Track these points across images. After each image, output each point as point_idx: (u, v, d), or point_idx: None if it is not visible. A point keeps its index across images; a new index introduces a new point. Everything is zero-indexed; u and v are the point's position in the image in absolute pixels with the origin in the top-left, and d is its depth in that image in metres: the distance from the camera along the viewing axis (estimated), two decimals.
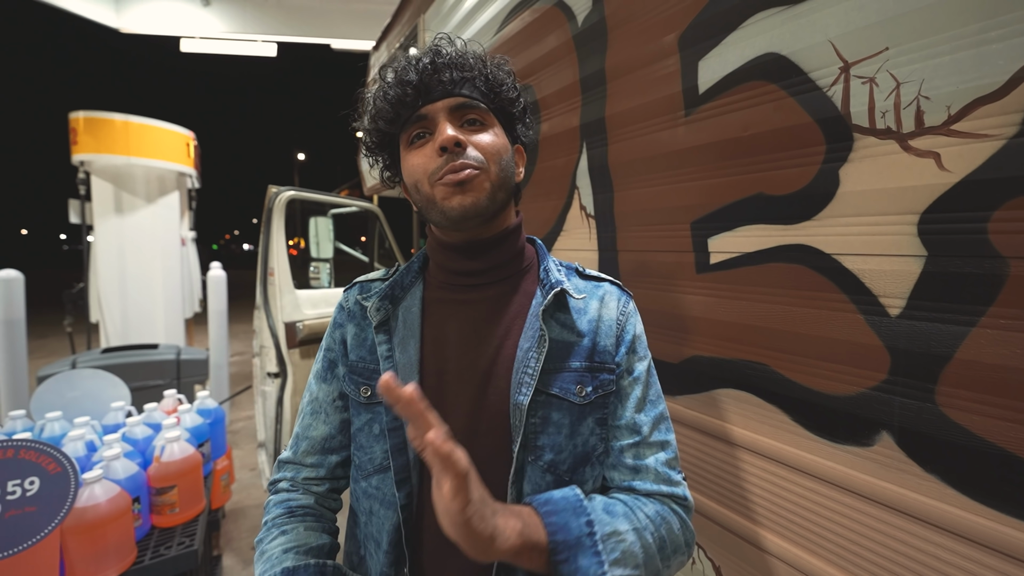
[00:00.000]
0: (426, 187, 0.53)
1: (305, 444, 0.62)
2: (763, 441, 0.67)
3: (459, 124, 0.54)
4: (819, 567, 0.61)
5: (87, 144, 3.69)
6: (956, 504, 0.48)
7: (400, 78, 0.54)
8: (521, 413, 0.51)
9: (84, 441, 1.35)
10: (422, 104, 0.54)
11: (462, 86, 0.54)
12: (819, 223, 0.59)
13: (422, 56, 0.55)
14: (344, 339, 0.61)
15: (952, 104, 0.47)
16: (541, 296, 0.57)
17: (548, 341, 0.53)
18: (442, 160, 0.52)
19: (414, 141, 0.55)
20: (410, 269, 0.63)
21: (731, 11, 0.68)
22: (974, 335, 0.46)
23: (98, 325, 3.89)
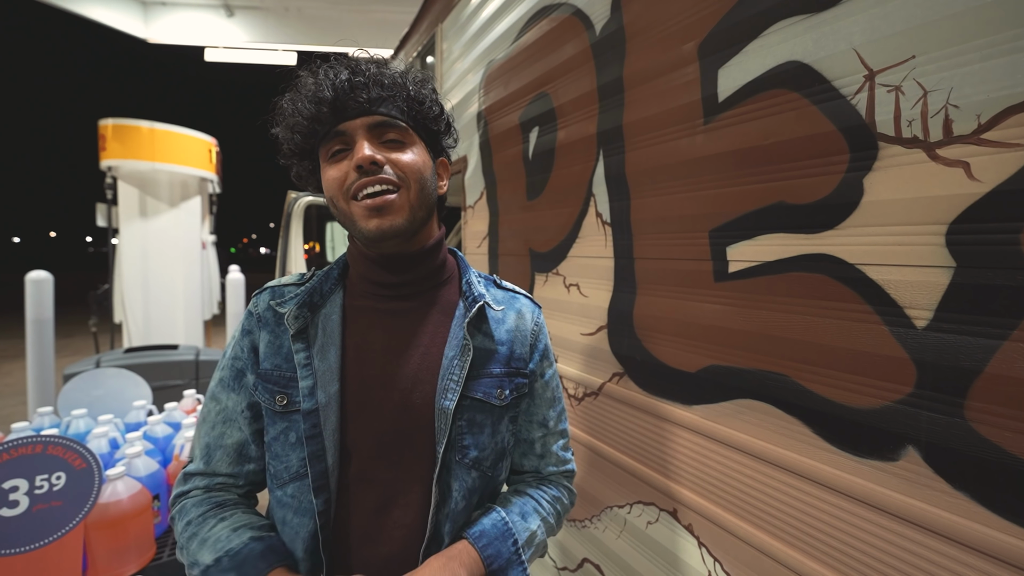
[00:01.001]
0: (343, 203, 0.55)
1: (219, 453, 0.58)
2: (782, 453, 0.66)
3: (378, 142, 0.55)
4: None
5: (115, 150, 3.82)
6: (986, 523, 0.47)
7: (316, 94, 0.53)
8: (447, 416, 0.56)
9: (107, 438, 1.38)
10: (339, 121, 0.54)
11: (380, 104, 0.54)
12: (842, 232, 0.58)
13: (339, 71, 0.54)
14: (255, 347, 0.59)
15: (983, 113, 0.46)
16: (463, 308, 0.61)
17: (472, 350, 0.59)
18: (356, 176, 0.53)
19: (334, 155, 0.56)
20: (329, 276, 0.62)
21: (752, 19, 0.68)
22: (1005, 348, 0.45)
23: (121, 325, 4.00)
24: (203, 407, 0.61)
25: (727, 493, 0.75)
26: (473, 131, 1.63)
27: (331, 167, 0.55)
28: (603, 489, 1.04)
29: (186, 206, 4.21)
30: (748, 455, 0.71)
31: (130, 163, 3.84)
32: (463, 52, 1.73)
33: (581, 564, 1.12)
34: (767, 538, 0.68)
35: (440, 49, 2.01)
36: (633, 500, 0.96)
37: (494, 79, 1.46)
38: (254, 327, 0.59)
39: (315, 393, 0.55)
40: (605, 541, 1.03)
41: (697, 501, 0.80)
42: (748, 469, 0.71)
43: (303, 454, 0.55)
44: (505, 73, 1.39)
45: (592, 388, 1.07)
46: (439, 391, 0.57)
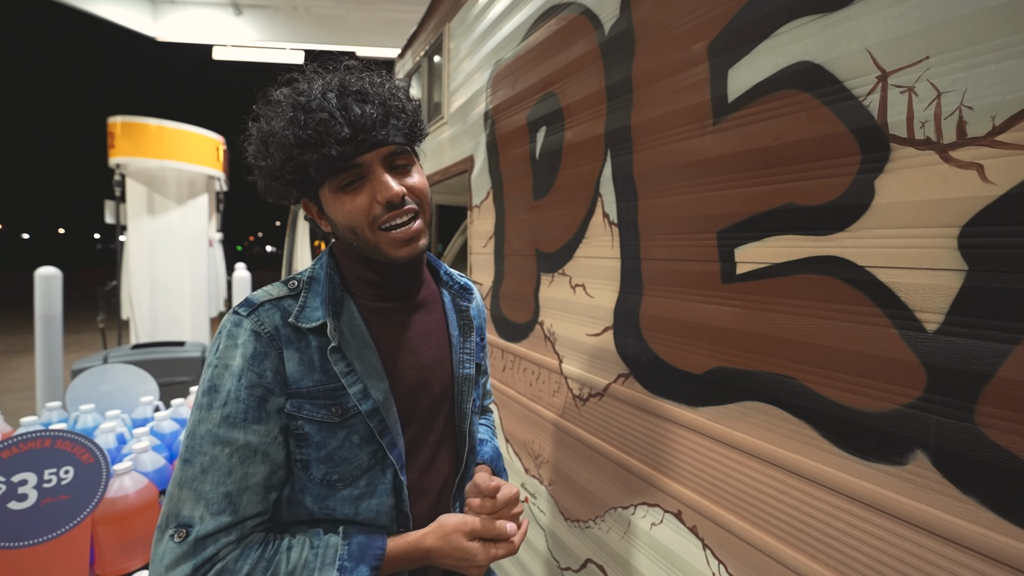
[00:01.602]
0: (367, 233, 0.57)
1: (247, 496, 0.52)
2: (789, 456, 0.66)
3: (390, 168, 0.58)
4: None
5: (124, 147, 3.85)
6: (996, 528, 0.46)
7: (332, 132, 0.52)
8: (469, 381, 0.72)
9: (115, 434, 1.39)
10: (356, 155, 0.54)
11: (393, 134, 0.56)
12: (852, 234, 0.58)
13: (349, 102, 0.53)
14: (277, 368, 0.55)
15: (997, 115, 0.45)
16: (450, 295, 0.75)
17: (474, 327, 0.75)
18: (384, 209, 0.56)
19: (347, 188, 0.56)
20: (332, 283, 0.61)
21: (764, 19, 0.67)
22: (1017, 353, 0.45)
23: (128, 322, 4.03)
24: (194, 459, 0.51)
25: (732, 495, 0.75)
26: (480, 131, 1.63)
27: (348, 198, 0.56)
28: (607, 490, 1.04)
29: (193, 204, 4.24)
30: (754, 457, 0.71)
31: (138, 160, 3.87)
32: (471, 51, 1.74)
33: (584, 565, 1.11)
34: (773, 541, 0.68)
35: (447, 48, 2.02)
36: (637, 501, 0.95)
37: (501, 78, 1.46)
38: (268, 348, 0.54)
39: (368, 394, 0.58)
40: (609, 542, 1.03)
41: (702, 503, 0.80)
42: (754, 472, 0.71)
43: (374, 447, 0.60)
44: (513, 72, 1.39)
45: (597, 389, 1.07)
46: (455, 363, 0.71)
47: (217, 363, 0.54)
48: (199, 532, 0.49)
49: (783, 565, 0.67)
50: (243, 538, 0.52)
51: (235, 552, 0.51)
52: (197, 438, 0.52)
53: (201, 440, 0.52)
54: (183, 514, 0.50)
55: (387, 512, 0.62)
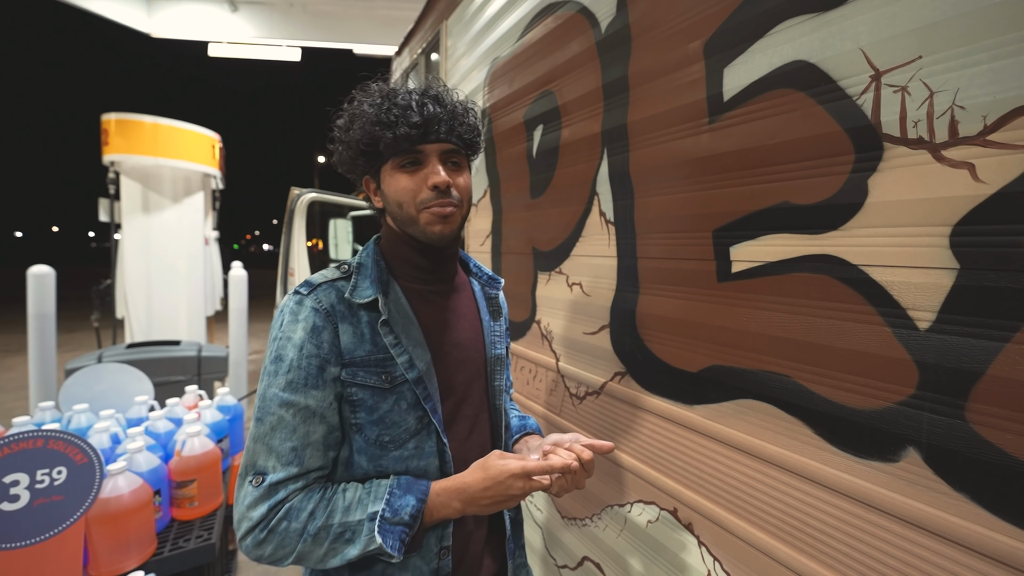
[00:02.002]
0: (411, 209, 0.66)
1: (310, 451, 0.62)
2: (784, 454, 0.66)
3: (445, 164, 0.67)
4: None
5: (118, 145, 3.82)
6: (987, 525, 0.47)
7: (407, 118, 0.63)
8: (501, 361, 0.80)
9: (109, 433, 1.39)
10: (421, 143, 0.65)
11: (454, 135, 0.67)
12: (846, 233, 0.58)
13: (426, 100, 0.65)
14: (333, 341, 0.63)
15: (989, 114, 0.46)
16: (479, 284, 0.83)
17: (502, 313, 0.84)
18: (432, 194, 0.65)
19: (406, 167, 0.66)
20: (379, 267, 0.71)
21: (759, 18, 0.67)
22: (1008, 351, 0.45)
23: (123, 321, 4.00)
24: (265, 418, 0.61)
25: (728, 493, 0.75)
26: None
27: (403, 176, 0.66)
28: (604, 488, 1.04)
29: (189, 202, 4.21)
30: (749, 455, 0.71)
31: (133, 158, 3.84)
32: (468, 49, 1.73)
33: (581, 562, 1.12)
34: (767, 538, 0.69)
35: (445, 46, 2.01)
36: (633, 499, 0.96)
37: (498, 76, 1.46)
38: (326, 323, 0.64)
39: (414, 364, 0.67)
40: (605, 540, 1.03)
41: (697, 500, 0.80)
42: (749, 469, 0.71)
43: (419, 413, 0.67)
44: (510, 70, 1.39)
45: (594, 387, 1.07)
46: (488, 344, 0.79)
47: (281, 336, 0.63)
48: (272, 479, 0.60)
49: (778, 562, 0.67)
50: (307, 486, 0.62)
51: (301, 495, 0.61)
52: (266, 400, 0.62)
53: (269, 402, 0.61)
54: (259, 464, 0.61)
55: (433, 473, 0.69)
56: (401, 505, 0.61)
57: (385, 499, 0.61)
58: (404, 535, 0.61)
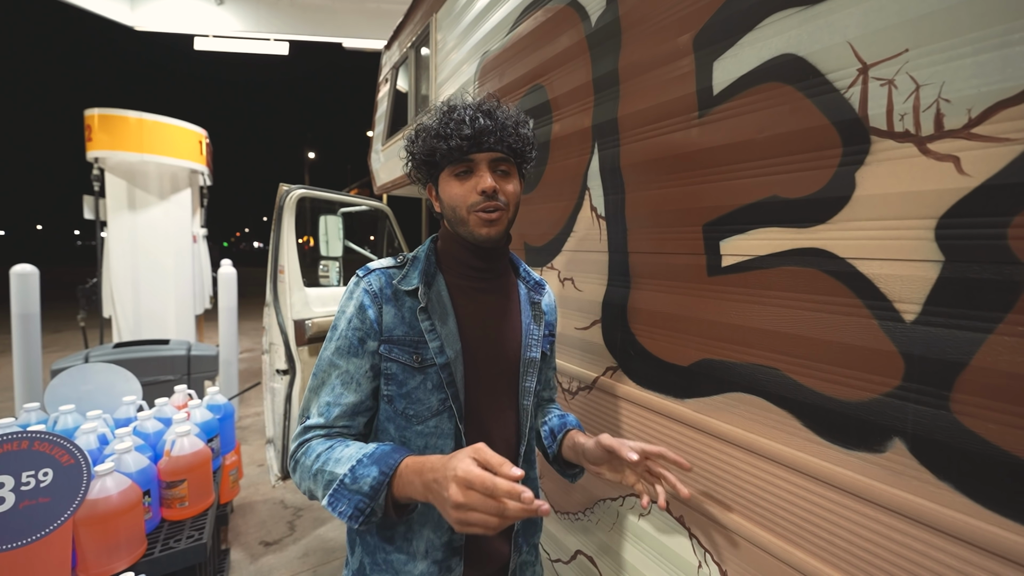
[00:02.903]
0: (463, 212, 0.72)
1: (338, 410, 0.71)
2: (773, 446, 0.67)
3: (493, 171, 0.72)
4: (827, 573, 0.60)
5: (102, 141, 3.74)
6: (970, 513, 0.48)
7: (459, 131, 0.70)
8: (535, 364, 0.81)
9: (96, 434, 1.37)
10: (471, 152, 0.71)
11: (502, 144, 0.72)
12: (834, 226, 0.58)
13: (478, 115, 0.71)
14: (377, 318, 0.73)
15: (973, 107, 0.46)
16: (525, 288, 0.86)
17: (544, 319, 0.84)
18: (480, 198, 0.71)
19: (459, 175, 0.72)
20: (429, 261, 0.78)
21: (747, 11, 0.67)
22: (991, 342, 0.46)
23: (111, 320, 3.94)
24: (318, 374, 0.73)
25: (718, 486, 0.76)
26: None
27: (457, 183, 0.72)
28: (596, 482, 1.04)
29: (176, 199, 4.14)
30: (739, 448, 0.72)
31: (118, 154, 3.76)
32: (458, 43, 1.71)
33: (574, 556, 1.13)
34: (757, 529, 0.69)
35: (434, 40, 1.99)
36: (626, 493, 0.96)
37: (489, 71, 1.45)
38: (370, 303, 0.73)
39: (444, 351, 0.73)
40: (598, 533, 1.04)
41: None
42: (739, 462, 0.72)
43: (443, 395, 0.73)
44: (500, 64, 1.38)
45: (586, 382, 1.08)
46: (524, 346, 0.81)
47: (340, 310, 0.75)
48: (307, 423, 0.72)
49: (768, 553, 0.68)
50: (329, 435, 0.71)
51: (320, 439, 0.70)
52: (322, 360, 0.74)
53: (322, 362, 0.74)
54: (308, 409, 0.73)
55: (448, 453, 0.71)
56: (362, 475, 0.62)
57: (350, 465, 0.64)
58: (362, 504, 0.61)
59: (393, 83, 2.81)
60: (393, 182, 2.75)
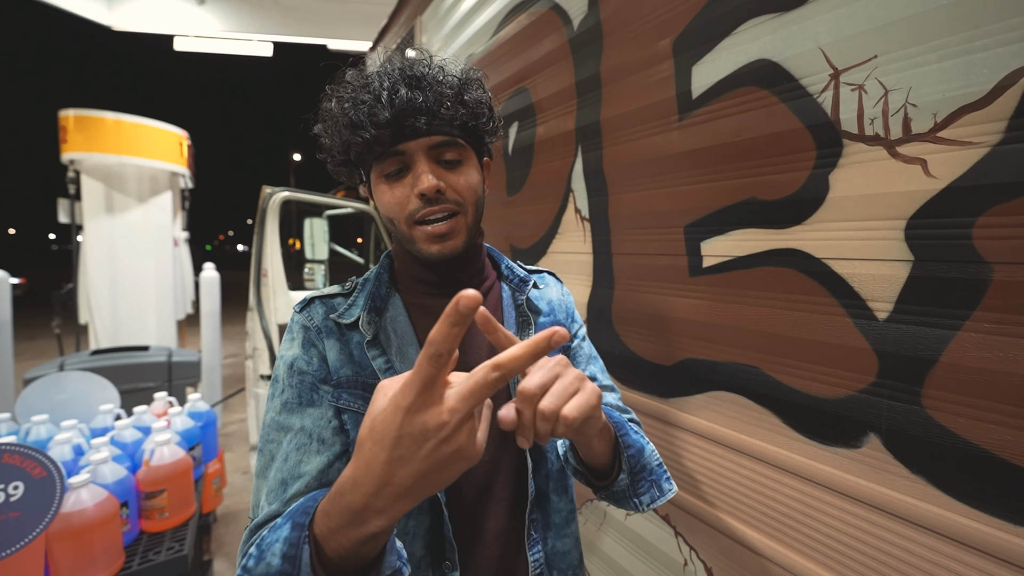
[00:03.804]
0: (403, 226, 0.55)
1: (298, 485, 0.50)
2: (754, 443, 0.68)
3: (436, 162, 0.54)
4: (809, 568, 0.61)
5: (77, 143, 3.64)
6: (941, 505, 0.49)
7: (373, 115, 0.50)
8: None
9: (71, 445, 1.32)
10: (398, 142, 0.52)
11: (441, 125, 0.53)
12: (810, 228, 0.60)
13: (397, 84, 0.51)
14: (323, 357, 0.56)
15: (938, 112, 0.48)
16: (509, 289, 0.66)
17: (532, 325, 0.63)
18: (421, 203, 0.53)
19: (390, 176, 0.54)
20: (380, 281, 0.62)
21: (724, 17, 0.69)
22: (959, 339, 0.47)
23: (87, 327, 3.83)
24: (263, 450, 0.53)
25: (702, 484, 0.77)
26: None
27: (389, 188, 0.54)
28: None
29: (156, 201, 4.05)
30: (722, 446, 0.73)
31: (94, 156, 3.67)
32: (443, 46, 1.71)
33: None
34: (741, 526, 0.70)
35: (420, 42, 1.98)
36: None
37: None
38: (315, 339, 0.57)
39: None
40: (586, 534, 1.04)
41: None
42: (722, 459, 0.73)
43: None
44: (485, 67, 1.38)
45: None
46: None
47: (279, 356, 0.58)
48: (256, 521, 0.49)
49: (750, 549, 0.69)
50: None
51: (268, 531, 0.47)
52: (265, 427, 0.54)
53: (267, 428, 0.54)
54: (257, 502, 0.52)
55: (422, 535, 0.55)
56: (270, 542, 0.40)
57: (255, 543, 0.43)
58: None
59: None
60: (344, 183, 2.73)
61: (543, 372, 0.41)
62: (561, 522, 0.63)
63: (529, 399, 0.39)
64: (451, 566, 0.55)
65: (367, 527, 0.34)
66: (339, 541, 0.36)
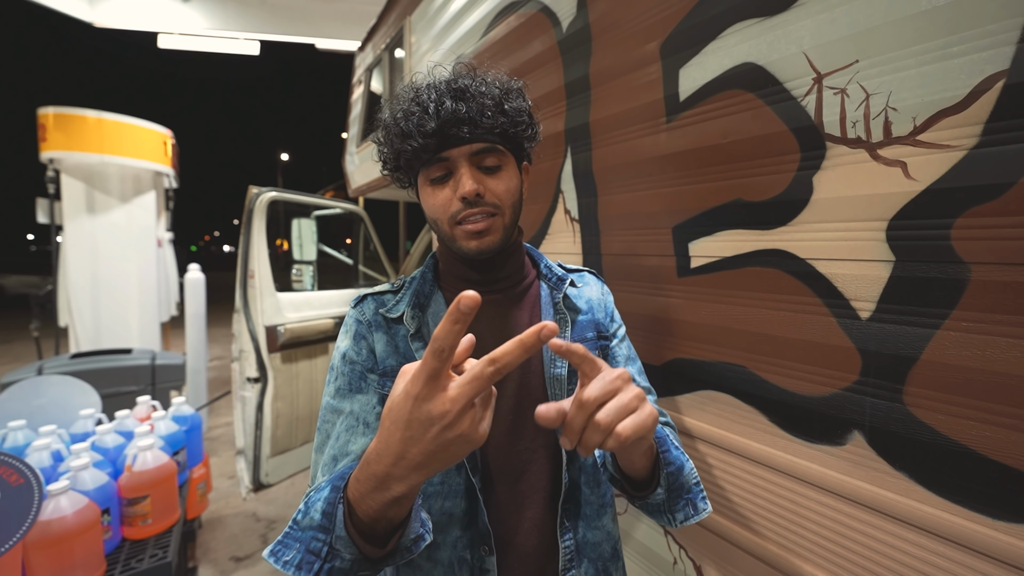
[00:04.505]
0: (445, 227, 0.60)
1: (346, 460, 0.55)
2: (741, 442, 0.69)
3: (477, 166, 0.59)
4: (796, 564, 0.62)
5: (57, 141, 3.56)
6: (922, 500, 0.50)
7: (420, 125, 0.56)
8: (561, 382, 0.63)
9: (50, 451, 1.29)
10: (442, 149, 0.57)
11: (483, 134, 0.57)
12: (794, 228, 0.61)
13: (443, 96, 0.57)
14: (372, 349, 0.62)
15: (918, 115, 0.49)
16: (547, 288, 0.69)
17: (569, 322, 0.66)
18: (462, 205, 0.58)
19: (435, 180, 0.60)
20: (425, 280, 0.67)
21: (711, 20, 0.69)
22: (938, 337, 0.48)
23: (67, 329, 3.74)
24: (321, 429, 0.60)
25: None
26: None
27: (434, 192, 0.60)
28: None
29: (139, 201, 3.97)
30: (711, 444, 0.74)
31: (75, 155, 3.58)
32: (432, 46, 1.71)
33: None
34: (729, 524, 0.71)
35: (409, 42, 1.98)
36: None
37: None
38: (366, 332, 0.63)
39: None
40: None
41: None
42: (710, 459, 0.74)
43: None
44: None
45: None
46: (547, 362, 0.64)
47: (336, 347, 0.64)
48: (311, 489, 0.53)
49: (738, 547, 0.70)
50: None
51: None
52: (322, 409, 0.61)
53: (324, 411, 0.61)
54: (315, 474, 0.58)
55: (459, 518, 0.58)
56: (314, 500, 0.46)
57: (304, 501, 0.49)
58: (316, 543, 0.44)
59: (367, 85, 2.78)
60: (368, 184, 2.71)
61: (602, 384, 0.42)
62: (592, 514, 0.65)
63: (584, 407, 0.41)
64: (488, 550, 0.58)
65: (390, 492, 0.40)
66: (368, 504, 0.41)
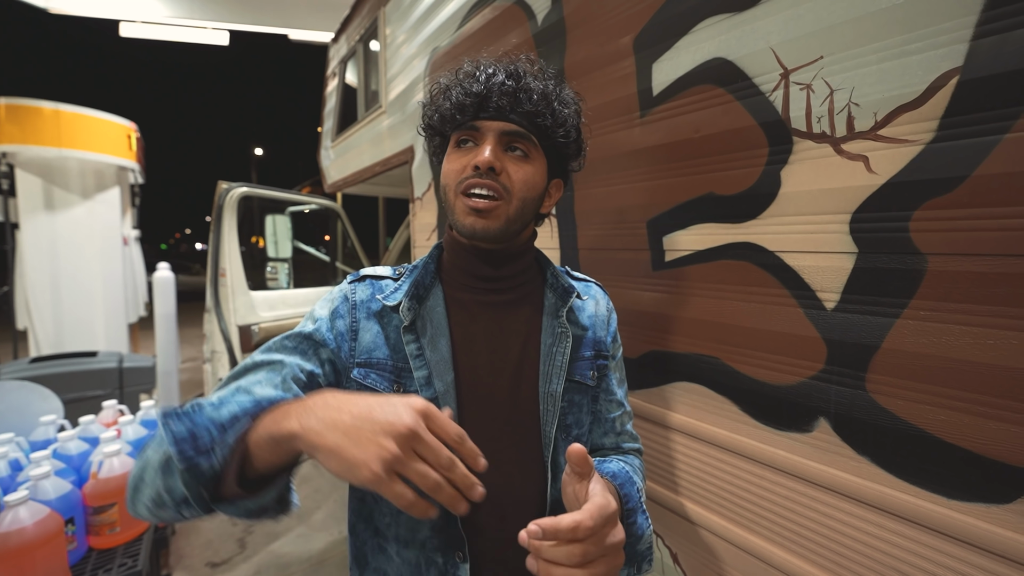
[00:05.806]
0: (451, 194, 0.58)
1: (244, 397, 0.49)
2: (714, 431, 0.70)
3: (504, 148, 0.57)
4: (766, 548, 0.64)
5: (11, 134, 3.36)
6: (884, 483, 0.52)
7: (466, 86, 0.56)
8: (555, 399, 0.60)
9: (7, 460, 1.23)
10: (477, 117, 0.57)
11: (520, 115, 0.56)
12: (763, 222, 0.62)
13: (497, 70, 0.57)
14: (348, 333, 0.59)
15: (878, 111, 0.50)
16: (553, 297, 0.65)
17: (570, 337, 0.63)
18: (471, 173, 0.56)
19: (460, 144, 0.58)
20: (427, 270, 0.64)
21: (682, 15, 0.70)
22: (898, 326, 0.50)
23: (26, 332, 3.56)
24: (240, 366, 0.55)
25: (665, 472, 0.79)
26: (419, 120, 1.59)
27: (454, 156, 0.58)
28: None
29: (102, 197, 3.79)
30: (685, 434, 0.75)
31: (31, 149, 3.39)
32: (408, 38, 1.68)
33: None
34: (703, 512, 0.73)
35: (383, 34, 1.93)
36: None
37: (439, 67, 1.43)
38: (346, 313, 0.60)
39: (432, 382, 0.57)
40: None
41: None
42: (685, 448, 0.75)
43: None
44: (450, 61, 1.36)
45: None
46: (542, 376, 0.61)
47: (309, 313, 0.61)
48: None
49: (712, 533, 0.71)
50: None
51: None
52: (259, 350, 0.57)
53: (261, 350, 0.57)
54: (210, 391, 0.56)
55: (428, 525, 0.56)
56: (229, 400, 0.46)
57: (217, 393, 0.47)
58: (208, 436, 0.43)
59: (341, 78, 2.71)
60: (344, 180, 2.66)
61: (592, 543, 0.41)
62: None
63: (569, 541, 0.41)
64: (463, 557, 0.57)
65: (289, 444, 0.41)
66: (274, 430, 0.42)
